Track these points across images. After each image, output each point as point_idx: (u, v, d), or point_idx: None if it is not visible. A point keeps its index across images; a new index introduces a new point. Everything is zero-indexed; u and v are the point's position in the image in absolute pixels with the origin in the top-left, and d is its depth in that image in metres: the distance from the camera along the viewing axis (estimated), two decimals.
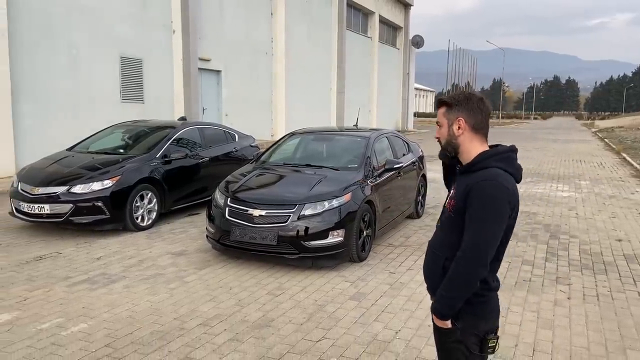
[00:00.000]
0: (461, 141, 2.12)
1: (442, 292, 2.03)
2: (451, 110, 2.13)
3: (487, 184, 1.97)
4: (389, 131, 8.00)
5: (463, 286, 1.99)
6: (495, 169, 2.02)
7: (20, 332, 3.89)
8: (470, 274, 1.97)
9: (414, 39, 36.98)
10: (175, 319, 4.17)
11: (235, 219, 5.50)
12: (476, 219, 1.97)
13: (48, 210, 6.46)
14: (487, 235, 1.96)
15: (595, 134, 37.70)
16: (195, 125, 8.80)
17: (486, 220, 1.95)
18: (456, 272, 1.99)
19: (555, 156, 19.39)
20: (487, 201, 1.96)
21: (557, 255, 6.21)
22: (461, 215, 2.03)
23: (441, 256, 2.14)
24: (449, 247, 2.10)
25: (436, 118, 2.23)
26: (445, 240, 2.14)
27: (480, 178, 2.00)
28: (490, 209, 1.95)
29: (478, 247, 1.95)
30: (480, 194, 1.97)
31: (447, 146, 2.16)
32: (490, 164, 2.04)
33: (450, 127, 2.13)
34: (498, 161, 2.05)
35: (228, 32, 17.87)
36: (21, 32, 11.15)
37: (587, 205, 9.44)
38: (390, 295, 4.80)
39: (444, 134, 2.16)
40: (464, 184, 2.06)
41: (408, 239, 6.83)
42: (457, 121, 2.11)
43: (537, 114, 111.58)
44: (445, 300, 2.03)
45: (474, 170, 2.06)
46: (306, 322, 4.17)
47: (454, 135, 2.12)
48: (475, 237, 1.96)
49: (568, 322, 4.29)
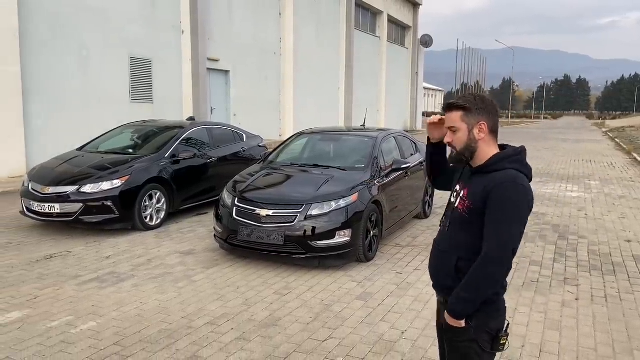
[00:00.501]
0: (480, 145, 2.12)
1: (463, 293, 2.04)
2: (471, 115, 2.10)
3: (509, 186, 2.00)
4: (396, 131, 8.00)
5: (487, 288, 2.01)
6: (512, 171, 2.05)
7: (31, 330, 3.94)
8: (495, 276, 2.00)
9: (423, 39, 36.89)
10: (183, 318, 4.21)
11: (243, 218, 5.52)
12: (500, 221, 1.98)
13: (58, 210, 6.53)
14: (513, 236, 1.98)
15: (606, 134, 37.40)
16: (204, 126, 8.85)
17: (511, 222, 1.98)
18: (480, 274, 2.00)
19: (565, 156, 19.26)
20: (510, 203, 1.98)
21: (566, 256, 6.18)
22: (478, 217, 2.04)
23: (453, 256, 2.14)
24: (463, 247, 2.11)
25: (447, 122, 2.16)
26: (458, 240, 2.15)
27: (500, 180, 2.01)
28: (514, 211, 1.98)
29: (504, 249, 1.97)
30: (503, 196, 1.99)
31: (464, 151, 2.13)
32: (505, 166, 2.06)
33: (471, 131, 2.11)
34: (513, 162, 2.07)
35: (237, 32, 17.94)
36: (32, 32, 11.28)
37: (596, 206, 9.38)
38: (397, 296, 4.80)
39: (462, 139, 2.12)
40: (480, 185, 2.07)
41: (415, 239, 6.83)
42: (478, 125, 2.10)
43: (547, 114, 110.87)
44: (465, 302, 2.04)
45: (488, 172, 2.07)
46: (313, 322, 4.19)
47: (475, 139, 2.11)
48: (501, 239, 1.97)
49: (575, 323, 4.28)
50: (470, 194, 2.10)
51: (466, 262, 2.09)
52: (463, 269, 2.09)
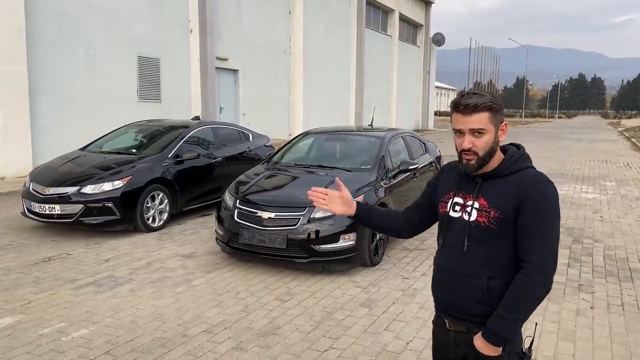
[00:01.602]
0: (497, 147, 1.94)
1: (510, 314, 1.81)
2: (497, 115, 1.90)
3: (542, 186, 1.84)
4: (405, 131, 7.80)
5: (538, 302, 1.83)
6: (532, 170, 1.90)
7: (21, 337, 3.81)
8: (547, 286, 1.82)
9: (435, 37, 36.53)
10: (178, 325, 4.05)
11: (244, 221, 5.36)
12: (547, 224, 1.81)
13: (59, 211, 6.42)
14: (557, 238, 1.83)
15: (622, 133, 36.74)
16: (209, 125, 8.71)
17: (554, 223, 1.83)
18: (531, 287, 1.79)
19: (580, 156, 18.87)
20: (551, 202, 1.83)
21: (580, 261, 5.93)
22: (510, 226, 1.85)
23: (481, 277, 1.91)
24: (493, 265, 1.89)
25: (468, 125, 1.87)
26: (485, 258, 1.91)
27: (532, 180, 1.85)
28: (554, 210, 1.84)
29: (553, 254, 1.81)
30: (543, 196, 1.82)
31: (486, 156, 1.90)
32: (525, 165, 1.91)
33: (497, 132, 1.91)
34: (527, 160, 1.94)
35: (245, 31, 17.81)
36: (39, 32, 11.23)
37: (612, 208, 9.09)
38: (403, 303, 4.61)
39: (488, 143, 1.88)
40: (504, 190, 1.88)
41: (423, 243, 6.62)
42: (503, 126, 1.93)
43: (562, 113, 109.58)
44: (514, 323, 1.83)
45: (507, 174, 1.90)
46: (313, 330, 4.01)
47: (498, 142, 1.93)
48: (549, 244, 1.80)
49: (591, 334, 4.05)
50: (493, 203, 1.88)
51: (498, 280, 1.87)
52: (496, 288, 1.87)
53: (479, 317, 1.89)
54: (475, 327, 1.91)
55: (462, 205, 1.97)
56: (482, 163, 1.89)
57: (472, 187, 1.96)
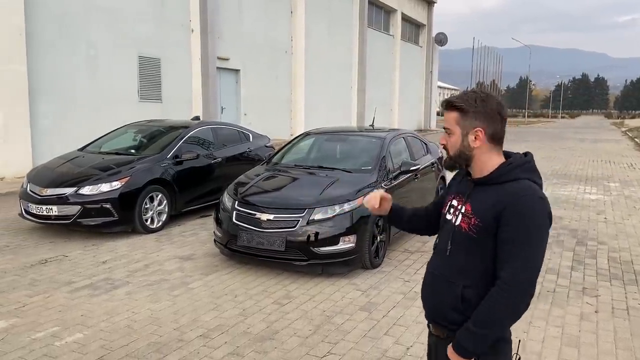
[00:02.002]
0: (476, 153, 1.82)
1: (476, 328, 1.72)
2: (466, 118, 1.80)
3: (527, 199, 1.70)
4: (406, 131, 7.71)
5: (509, 320, 1.73)
6: (528, 182, 1.76)
7: (14, 342, 3.74)
8: (519, 307, 1.70)
9: (437, 37, 36.39)
10: (174, 330, 3.98)
11: (243, 223, 5.29)
12: (522, 240, 1.68)
13: (56, 212, 6.35)
14: (538, 258, 1.70)
15: (625, 134, 36.55)
16: (209, 125, 8.64)
17: (534, 241, 1.69)
18: (500, 304, 1.69)
19: (583, 156, 18.74)
20: (532, 219, 1.69)
21: (584, 264, 5.84)
22: (489, 236, 1.75)
23: (457, 284, 1.83)
24: (470, 273, 1.81)
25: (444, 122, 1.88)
26: (463, 265, 1.83)
27: (517, 192, 1.72)
28: (536, 228, 1.69)
29: (530, 274, 1.69)
30: (523, 211, 1.69)
31: (457, 158, 1.85)
32: (519, 175, 1.77)
33: (465, 137, 1.81)
34: (525, 171, 1.78)
35: (247, 31, 17.74)
36: (39, 32, 11.17)
37: (616, 209, 8.98)
38: (404, 306, 4.53)
39: (454, 144, 1.83)
40: (489, 198, 1.77)
41: (425, 244, 6.53)
42: (474, 132, 1.80)
43: (565, 113, 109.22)
44: (479, 338, 1.73)
45: (497, 183, 1.78)
46: (312, 335, 3.93)
47: (469, 147, 1.81)
48: (525, 263, 1.68)
49: (595, 339, 3.97)
50: (476, 210, 1.80)
51: (474, 290, 1.79)
52: (470, 298, 1.79)
53: (454, 325, 1.83)
54: (450, 335, 1.85)
55: (455, 208, 1.92)
56: (453, 164, 1.88)
57: (466, 190, 1.90)
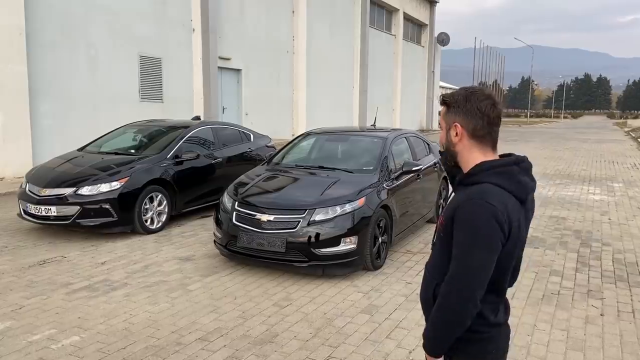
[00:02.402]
0: (459, 150, 1.79)
1: (427, 328, 1.74)
2: (449, 112, 1.80)
3: (472, 202, 1.64)
4: (408, 131, 7.64)
5: (448, 324, 1.67)
6: (488, 185, 1.67)
7: (10, 345, 3.69)
8: (454, 311, 1.65)
9: (440, 37, 36.31)
10: (172, 333, 3.92)
11: (243, 224, 5.22)
12: (460, 244, 1.65)
13: (55, 213, 6.30)
14: (473, 264, 1.62)
15: (628, 134, 36.41)
16: (209, 125, 8.57)
17: (471, 247, 1.62)
18: (440, 307, 1.68)
19: (586, 156, 18.65)
20: (470, 223, 1.63)
21: (589, 265, 5.77)
22: (449, 236, 1.71)
23: (433, 281, 1.82)
24: (440, 272, 1.78)
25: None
26: (436, 262, 1.83)
27: (466, 196, 1.68)
28: (474, 233, 1.61)
29: (463, 279, 1.63)
30: (463, 215, 1.65)
31: (446, 153, 1.86)
32: (484, 179, 1.69)
33: (448, 132, 1.80)
34: (495, 175, 1.69)
35: (248, 30, 17.68)
36: (39, 31, 11.13)
37: (620, 210, 8.90)
38: (406, 309, 4.46)
39: (442, 138, 1.86)
40: (454, 199, 1.76)
41: (427, 245, 6.46)
42: (453, 127, 1.78)
43: (567, 113, 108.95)
44: (430, 339, 1.73)
45: (467, 184, 1.74)
46: (312, 338, 3.87)
47: (451, 142, 1.80)
48: (460, 267, 1.64)
49: (601, 343, 3.89)
50: (445, 210, 1.79)
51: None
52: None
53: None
54: None
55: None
56: (446, 159, 1.86)
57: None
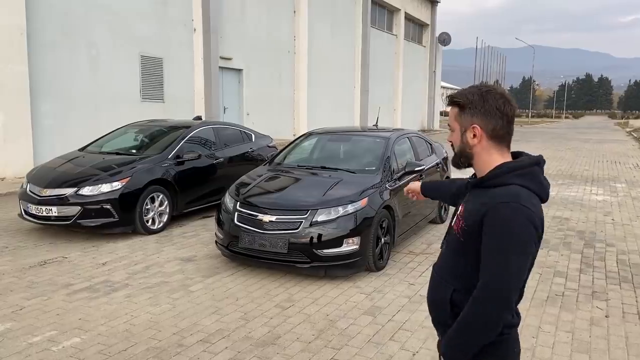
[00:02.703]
0: (476, 152, 1.73)
1: (454, 335, 1.66)
2: (464, 114, 1.73)
3: (506, 206, 1.59)
4: (410, 131, 7.60)
5: (482, 331, 1.61)
6: (515, 187, 1.64)
7: (10, 346, 3.65)
8: (491, 318, 1.59)
9: (441, 37, 36.27)
10: (174, 334, 3.88)
11: (245, 224, 5.19)
12: (496, 250, 1.58)
13: (56, 213, 6.27)
14: (512, 270, 1.57)
15: (630, 134, 36.33)
16: (210, 125, 8.54)
17: (509, 252, 1.57)
18: (474, 314, 1.61)
19: (588, 157, 18.59)
20: (508, 228, 1.57)
21: (593, 266, 5.72)
22: (474, 241, 1.66)
23: (448, 286, 1.77)
24: (459, 277, 1.74)
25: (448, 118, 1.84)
26: (453, 267, 1.77)
27: (498, 199, 1.62)
28: (512, 238, 1.57)
29: (501, 285, 1.57)
30: (499, 218, 1.59)
31: (459, 155, 1.79)
32: (509, 180, 1.65)
33: (464, 134, 1.74)
34: (519, 176, 1.66)
35: (250, 30, 17.65)
36: (40, 31, 11.10)
37: (623, 210, 8.85)
38: (409, 310, 4.42)
39: (456, 141, 1.79)
40: (477, 202, 1.69)
41: (430, 246, 6.43)
42: (471, 129, 1.72)
43: (569, 113, 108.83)
44: (457, 346, 1.66)
45: (489, 187, 1.69)
46: (315, 340, 3.83)
47: (468, 144, 1.74)
48: (498, 274, 1.57)
49: (606, 345, 3.85)
50: (466, 212, 1.74)
51: (462, 296, 1.71)
52: (458, 303, 1.72)
53: (446, 327, 1.76)
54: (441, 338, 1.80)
55: (457, 208, 1.90)
56: (457, 162, 1.81)
57: (466, 192, 1.87)
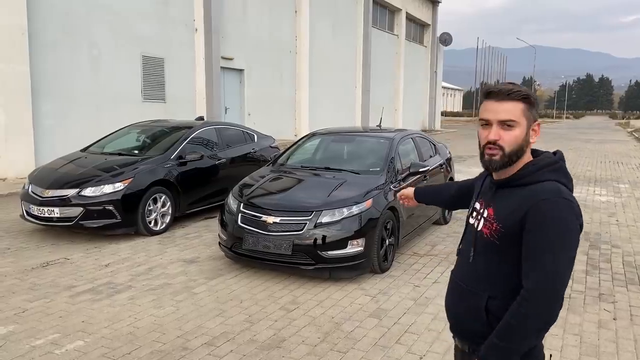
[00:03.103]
0: (527, 150, 1.71)
1: (501, 341, 1.59)
2: (532, 110, 1.69)
3: (551, 202, 1.57)
4: (414, 132, 7.56)
5: (532, 333, 1.57)
6: (554, 183, 1.62)
7: (13, 350, 3.61)
8: (543, 318, 1.55)
9: (442, 37, 36.22)
10: (178, 337, 3.85)
11: (248, 226, 5.15)
12: (546, 247, 1.54)
13: (58, 214, 6.23)
14: (564, 266, 1.55)
15: (631, 134, 36.27)
16: (213, 126, 8.50)
17: (561, 248, 1.54)
18: (525, 316, 1.55)
19: (590, 157, 18.54)
20: (556, 224, 1.55)
21: (599, 268, 5.68)
22: (513, 243, 1.62)
23: (482, 295, 1.71)
24: (494, 283, 1.68)
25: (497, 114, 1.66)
26: (487, 274, 1.71)
27: (541, 195, 1.59)
28: (561, 234, 1.55)
29: (554, 283, 1.53)
30: (546, 215, 1.56)
31: (513, 155, 1.68)
32: (545, 177, 1.64)
33: (529, 130, 1.69)
34: (553, 172, 1.65)
35: (251, 30, 17.62)
36: (41, 31, 11.07)
37: (628, 211, 8.81)
38: (415, 313, 4.38)
39: (517, 139, 1.66)
40: (511, 202, 1.65)
41: (434, 248, 6.39)
42: (536, 125, 1.71)
43: (569, 113, 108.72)
44: (504, 352, 1.59)
45: (520, 185, 1.65)
46: (321, 343, 3.79)
47: (528, 142, 1.70)
48: (550, 271, 1.53)
49: (615, 348, 3.81)
50: (498, 215, 1.68)
51: (500, 302, 1.66)
52: (496, 311, 1.66)
53: (479, 338, 1.70)
54: (475, 348, 1.72)
55: (477, 211, 1.81)
56: (508, 162, 1.68)
57: (489, 193, 1.78)
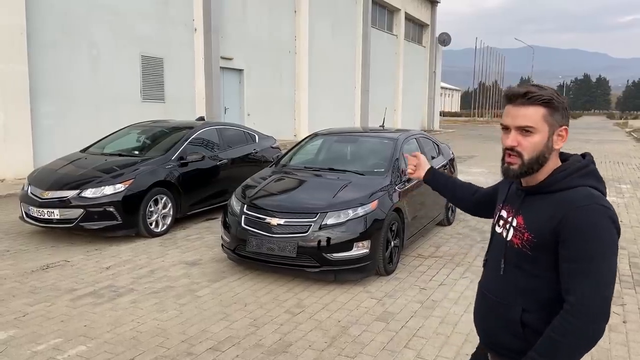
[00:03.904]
0: (552, 156, 1.61)
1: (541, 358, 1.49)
2: (555, 114, 1.59)
3: (587, 209, 1.48)
4: (417, 132, 7.50)
5: (581, 349, 1.48)
6: (586, 189, 1.54)
7: (14, 355, 3.54)
8: (594, 334, 1.46)
9: (441, 37, 36.20)
10: (182, 342, 3.77)
11: (252, 227, 5.08)
12: (587, 258, 1.46)
13: (58, 216, 6.15)
14: (608, 276, 1.46)
15: (630, 134, 36.28)
16: (214, 126, 8.42)
17: (602, 259, 1.46)
18: (571, 332, 1.46)
19: None
20: (595, 232, 1.46)
21: None
22: (546, 253, 1.54)
23: (516, 307, 1.62)
24: (528, 295, 1.60)
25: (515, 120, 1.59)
26: (520, 285, 1.62)
27: (576, 202, 1.50)
28: (602, 243, 1.46)
29: (601, 296, 1.45)
30: (583, 223, 1.47)
31: (534, 163, 1.59)
32: (576, 182, 1.55)
33: (551, 136, 1.59)
34: (585, 177, 1.57)
35: (251, 30, 17.54)
36: (41, 31, 10.98)
37: (631, 212, 8.77)
38: (422, 316, 4.32)
39: (537, 145, 1.57)
40: (543, 210, 1.56)
41: (438, 249, 6.33)
42: (560, 130, 1.60)
43: None
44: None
45: (551, 192, 1.57)
46: (328, 348, 3.72)
47: (551, 148, 1.60)
48: (594, 284, 1.45)
49: (627, 352, 3.75)
50: (529, 224, 1.59)
51: (536, 315, 1.58)
52: (532, 323, 1.58)
53: (515, 353, 1.61)
54: None
55: (505, 220, 1.71)
56: (526, 171, 1.59)
57: (516, 200, 1.69)
